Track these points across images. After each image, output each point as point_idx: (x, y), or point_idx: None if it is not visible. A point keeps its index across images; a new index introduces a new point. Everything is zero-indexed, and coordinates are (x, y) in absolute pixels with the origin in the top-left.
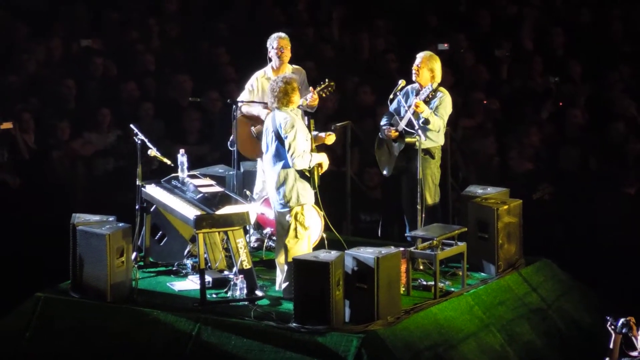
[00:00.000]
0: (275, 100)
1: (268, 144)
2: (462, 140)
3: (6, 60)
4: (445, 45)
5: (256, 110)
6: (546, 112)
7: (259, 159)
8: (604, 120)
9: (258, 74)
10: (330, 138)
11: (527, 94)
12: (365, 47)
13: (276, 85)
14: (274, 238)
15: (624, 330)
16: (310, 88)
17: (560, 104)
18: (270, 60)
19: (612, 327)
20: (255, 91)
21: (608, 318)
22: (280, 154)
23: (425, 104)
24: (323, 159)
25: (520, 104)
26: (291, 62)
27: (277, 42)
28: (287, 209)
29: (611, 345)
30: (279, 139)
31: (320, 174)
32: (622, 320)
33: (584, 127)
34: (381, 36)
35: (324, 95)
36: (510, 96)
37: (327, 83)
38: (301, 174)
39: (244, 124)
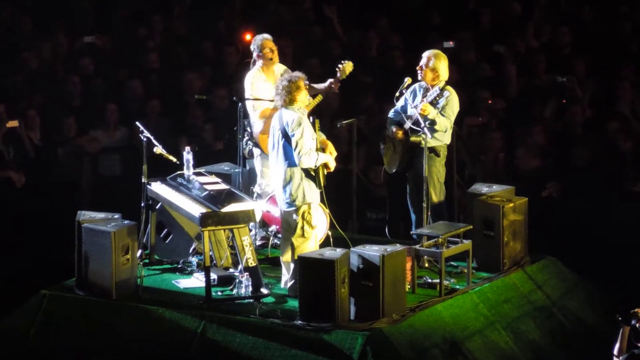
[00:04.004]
0: (279, 99)
1: (275, 142)
2: (468, 137)
3: (11, 57)
4: (451, 42)
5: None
6: (549, 111)
7: (256, 158)
8: (608, 118)
9: (253, 77)
10: (331, 151)
11: (533, 92)
12: (372, 45)
13: (281, 83)
14: (280, 236)
15: (632, 322)
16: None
17: (564, 101)
18: (255, 63)
19: (621, 319)
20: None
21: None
22: (287, 153)
23: (432, 105)
24: (329, 159)
25: (526, 102)
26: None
27: (265, 44)
28: (294, 208)
29: (619, 337)
30: (286, 137)
31: (325, 174)
32: (631, 312)
33: (590, 125)
34: (387, 34)
35: (345, 77)
36: (516, 94)
37: (343, 66)
38: (307, 173)
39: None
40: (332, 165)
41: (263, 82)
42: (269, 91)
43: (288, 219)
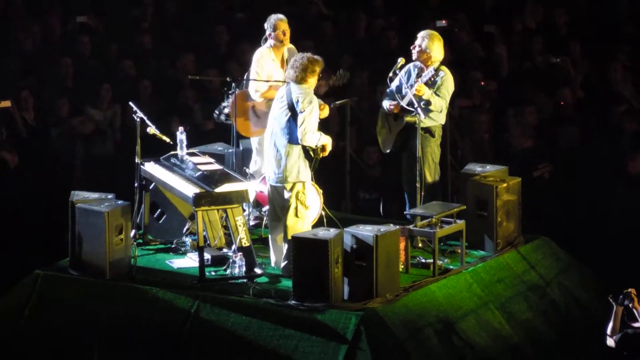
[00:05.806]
0: (292, 72)
1: (278, 115)
2: (461, 118)
3: (3, 38)
4: (444, 22)
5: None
6: (542, 92)
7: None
8: (603, 99)
9: (262, 54)
10: (325, 111)
11: (526, 73)
12: (363, 25)
13: (300, 59)
14: None
15: (625, 302)
16: (321, 82)
17: (554, 89)
18: (266, 40)
19: (614, 299)
20: (262, 74)
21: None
22: (290, 128)
23: (427, 86)
24: (328, 141)
25: (519, 83)
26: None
27: (279, 25)
28: (282, 185)
29: (612, 317)
30: (292, 112)
31: (319, 157)
32: (623, 292)
33: (582, 106)
34: (380, 15)
35: (338, 85)
36: (508, 75)
37: (342, 74)
38: (306, 152)
39: (242, 100)
40: (329, 148)
41: (271, 62)
42: (276, 72)
43: (275, 196)
